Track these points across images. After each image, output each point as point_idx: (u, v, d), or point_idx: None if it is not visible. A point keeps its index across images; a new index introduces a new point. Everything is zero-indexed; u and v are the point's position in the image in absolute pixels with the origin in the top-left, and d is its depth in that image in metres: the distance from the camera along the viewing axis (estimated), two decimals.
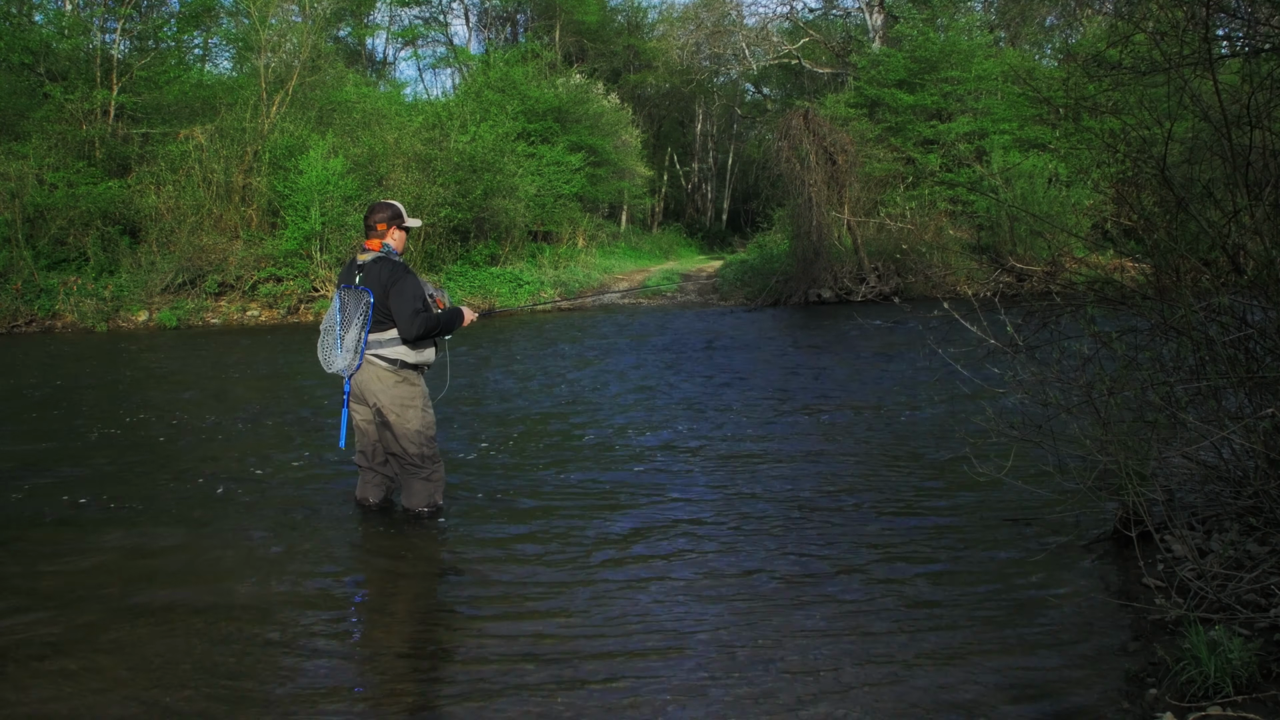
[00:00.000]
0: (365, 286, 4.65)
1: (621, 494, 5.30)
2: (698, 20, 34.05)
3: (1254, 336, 3.58)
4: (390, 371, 4.70)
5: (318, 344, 4.81)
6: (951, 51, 22.27)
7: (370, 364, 4.69)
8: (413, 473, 4.81)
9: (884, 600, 3.69)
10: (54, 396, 8.97)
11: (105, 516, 4.98)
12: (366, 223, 4.82)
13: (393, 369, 4.70)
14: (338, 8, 28.77)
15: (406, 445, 4.73)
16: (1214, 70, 3.68)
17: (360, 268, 4.72)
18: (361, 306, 4.64)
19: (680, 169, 40.95)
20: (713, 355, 11.31)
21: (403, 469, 4.84)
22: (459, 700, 2.97)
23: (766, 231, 24.45)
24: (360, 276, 4.69)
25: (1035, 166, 19.10)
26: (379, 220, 4.77)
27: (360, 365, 4.68)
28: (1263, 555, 3.34)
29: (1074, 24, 27.90)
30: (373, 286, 4.64)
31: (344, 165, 17.48)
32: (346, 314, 4.69)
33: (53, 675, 3.15)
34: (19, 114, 17.81)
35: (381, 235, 4.78)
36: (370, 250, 4.76)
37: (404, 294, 4.61)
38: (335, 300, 4.79)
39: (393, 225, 4.79)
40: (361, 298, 4.65)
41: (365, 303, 4.63)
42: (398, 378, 4.71)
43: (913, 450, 6.20)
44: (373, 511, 4.96)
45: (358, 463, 5.02)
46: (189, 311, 16.37)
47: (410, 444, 4.73)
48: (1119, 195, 4.74)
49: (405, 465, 4.81)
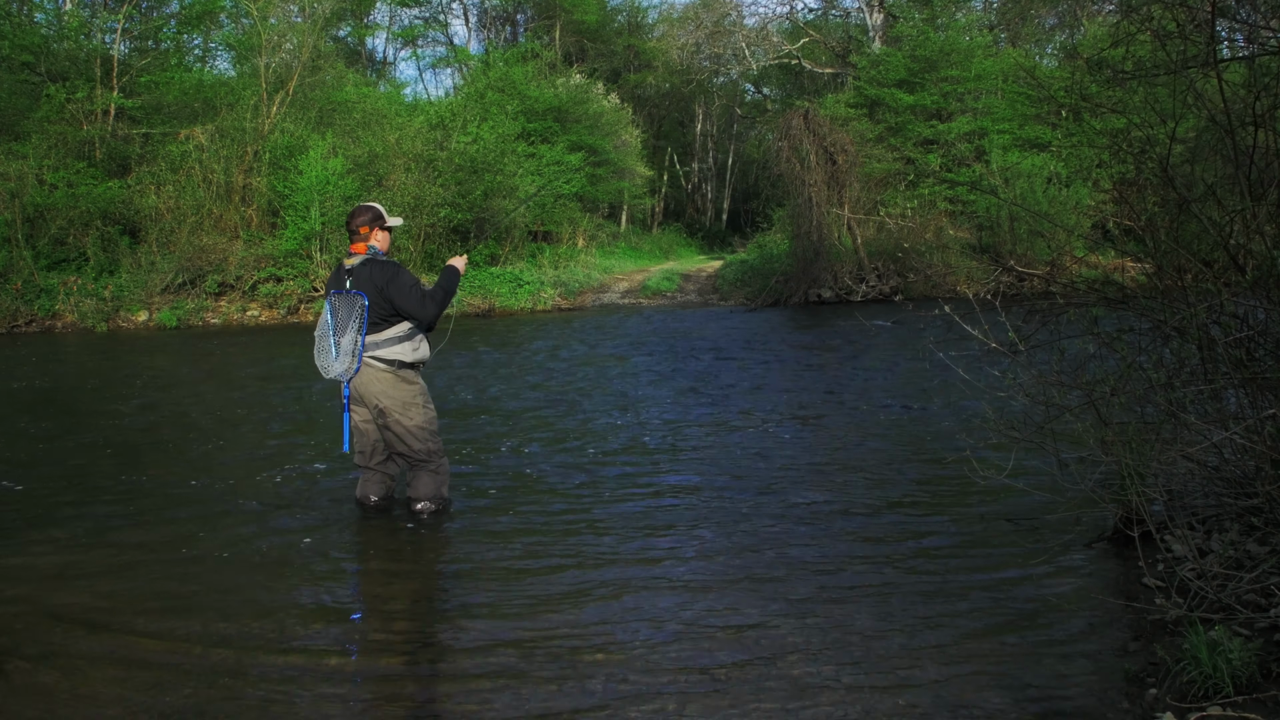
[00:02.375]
0: (358, 290, 4.68)
1: (621, 494, 5.29)
2: (698, 20, 34.01)
3: (1255, 337, 3.58)
4: (389, 372, 4.74)
5: (314, 351, 4.82)
6: (951, 51, 22.28)
7: (369, 366, 4.72)
8: (420, 467, 4.88)
9: (884, 600, 3.69)
10: (55, 397, 8.97)
11: (104, 515, 4.98)
12: (349, 227, 4.85)
13: (391, 370, 4.74)
14: (338, 8, 28.75)
15: (411, 443, 4.80)
16: (1219, 71, 3.68)
17: (349, 272, 4.75)
18: (356, 310, 4.66)
19: (680, 169, 40.93)
20: (712, 355, 11.31)
21: (410, 464, 4.91)
22: (459, 700, 2.97)
23: (766, 231, 24.44)
24: (350, 281, 4.72)
25: (1035, 166, 19.11)
26: (361, 224, 4.80)
27: (359, 369, 4.71)
28: (1263, 555, 3.34)
29: (1075, 25, 27.89)
30: (365, 289, 4.67)
31: (344, 165, 17.48)
32: (339, 319, 4.72)
33: (52, 675, 3.15)
34: (19, 114, 17.81)
35: (365, 238, 4.81)
36: (356, 254, 4.80)
37: (404, 288, 4.67)
38: (326, 306, 4.81)
39: (375, 226, 4.83)
40: (355, 301, 4.67)
41: (360, 306, 4.66)
42: (397, 378, 4.75)
43: (913, 450, 6.20)
44: (372, 510, 4.97)
45: (357, 463, 5.03)
46: (189, 311, 16.36)
47: (415, 441, 4.79)
48: (1120, 195, 4.73)
49: (412, 461, 4.88)
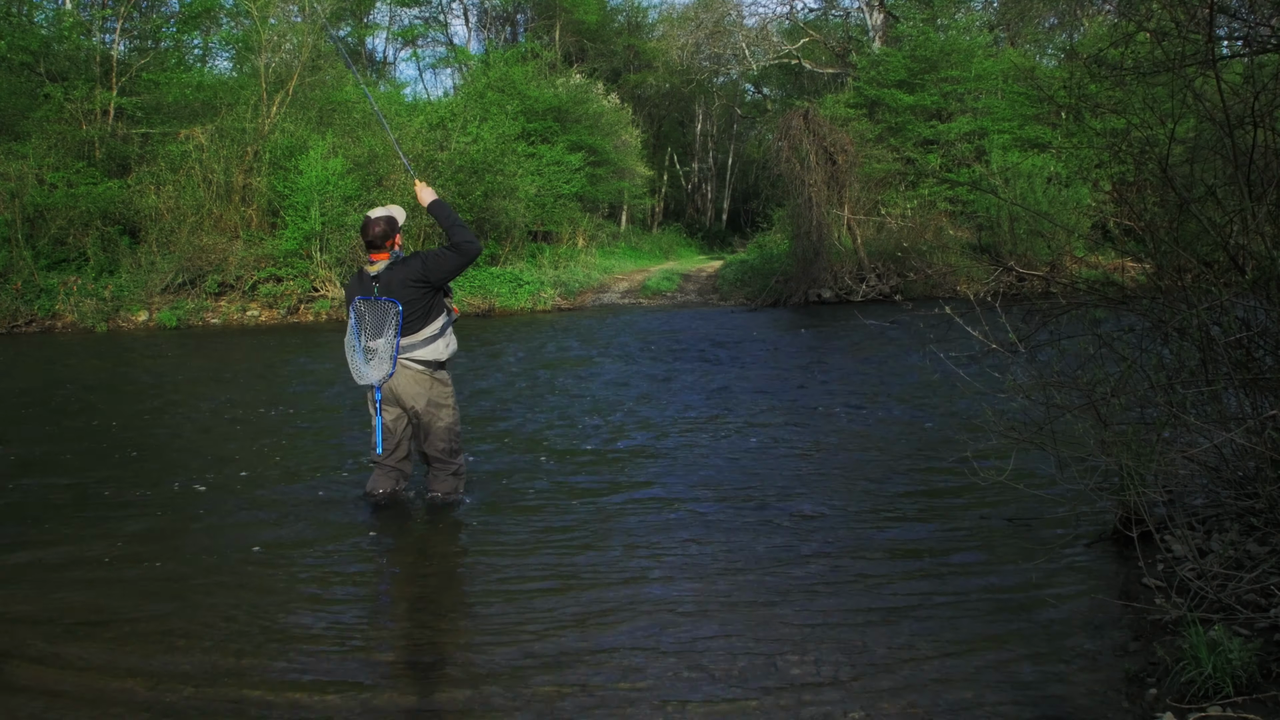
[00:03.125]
0: (390, 298, 4.71)
1: (622, 494, 5.30)
2: (698, 20, 34.01)
3: (1255, 337, 3.58)
4: (425, 374, 4.84)
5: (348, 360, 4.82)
6: (951, 51, 22.27)
7: (404, 368, 4.79)
8: (442, 467, 5.00)
9: (883, 600, 3.69)
10: (55, 397, 8.97)
11: (104, 514, 4.98)
12: (369, 238, 4.80)
13: (427, 371, 4.84)
14: (338, 8, 28.75)
15: (438, 442, 4.92)
16: (1217, 70, 3.68)
17: (375, 279, 4.76)
18: (391, 317, 4.70)
19: (680, 169, 40.92)
20: (712, 356, 11.31)
21: (433, 464, 5.01)
22: (459, 700, 2.97)
23: (766, 231, 24.43)
24: (378, 287, 4.74)
25: (1035, 166, 19.11)
26: (384, 235, 4.79)
27: (394, 372, 4.76)
28: (1263, 555, 3.34)
29: (1074, 25, 27.89)
30: (398, 294, 4.70)
31: (344, 165, 17.47)
32: (367, 325, 4.74)
33: (52, 674, 3.15)
34: (19, 114, 17.80)
35: (390, 247, 4.83)
36: (379, 260, 4.80)
37: (440, 258, 4.77)
38: (350, 315, 4.81)
39: (397, 234, 4.88)
40: (388, 309, 4.70)
41: (395, 313, 4.69)
42: (432, 379, 4.87)
43: (913, 450, 6.20)
44: (382, 507, 5.00)
45: (376, 459, 5.03)
46: (189, 311, 16.36)
47: (442, 441, 4.93)
48: (1120, 196, 4.73)
49: (437, 461, 4.98)
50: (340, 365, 11.10)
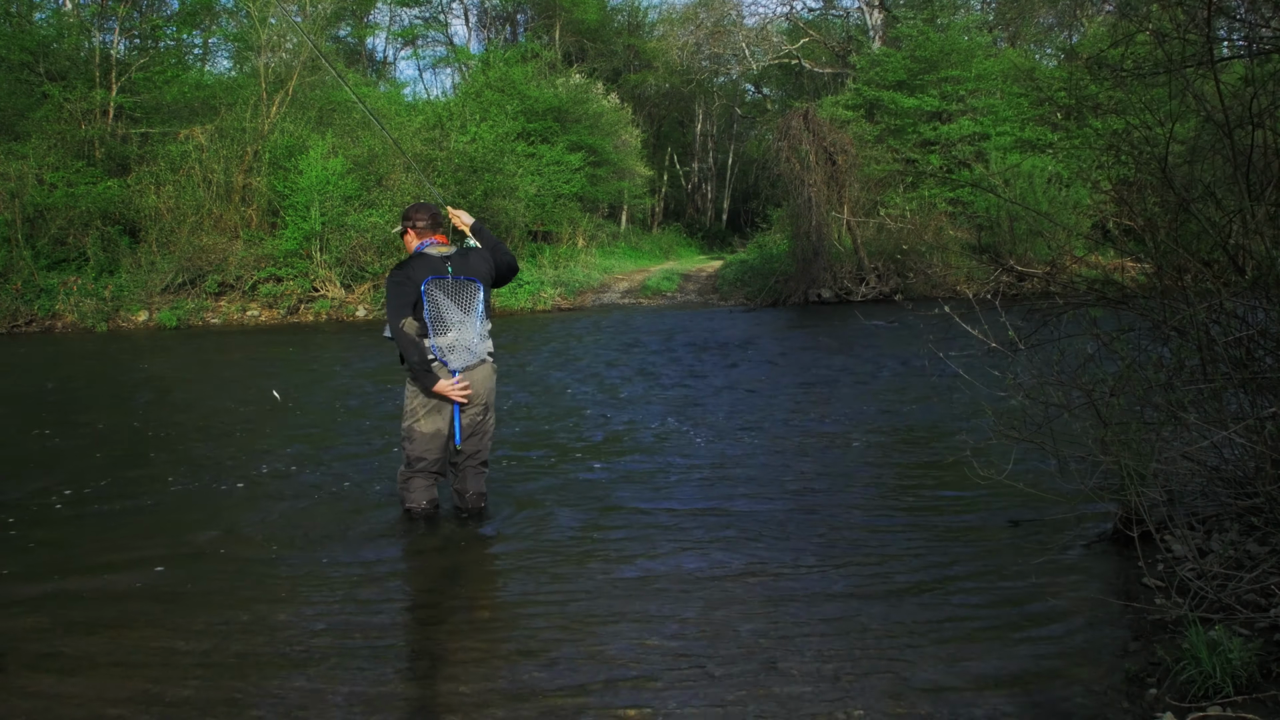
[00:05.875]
0: (470, 276, 4.49)
1: (623, 495, 5.30)
2: (697, 20, 34.03)
3: (1255, 337, 3.58)
4: (492, 367, 4.68)
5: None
6: (951, 51, 22.27)
7: (483, 362, 4.60)
8: (480, 468, 4.77)
9: (883, 600, 3.69)
10: (55, 397, 8.97)
11: (104, 514, 4.98)
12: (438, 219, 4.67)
13: (494, 364, 4.68)
14: (338, 7, 28.76)
15: (486, 442, 4.73)
16: (1216, 71, 3.68)
17: (446, 259, 4.50)
18: (474, 295, 4.48)
19: (680, 169, 40.93)
20: (712, 356, 11.31)
21: (466, 463, 4.72)
22: (459, 701, 2.97)
23: (766, 231, 24.43)
24: (452, 267, 4.48)
25: (1035, 167, 19.12)
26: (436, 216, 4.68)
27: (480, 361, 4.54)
28: (1263, 555, 3.35)
29: (1073, 26, 27.90)
30: (479, 276, 4.52)
31: (344, 165, 17.49)
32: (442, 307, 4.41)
33: (52, 674, 3.15)
34: (19, 114, 17.81)
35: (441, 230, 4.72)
36: (439, 243, 4.58)
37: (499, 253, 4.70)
38: (423, 299, 4.40)
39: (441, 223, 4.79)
40: (469, 288, 4.47)
41: (477, 291, 4.49)
42: (494, 372, 4.69)
43: (912, 450, 6.20)
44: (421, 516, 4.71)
45: (422, 469, 4.64)
46: (189, 311, 16.37)
47: (489, 439, 4.75)
48: (1119, 196, 4.73)
49: (476, 462, 4.74)
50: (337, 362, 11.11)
